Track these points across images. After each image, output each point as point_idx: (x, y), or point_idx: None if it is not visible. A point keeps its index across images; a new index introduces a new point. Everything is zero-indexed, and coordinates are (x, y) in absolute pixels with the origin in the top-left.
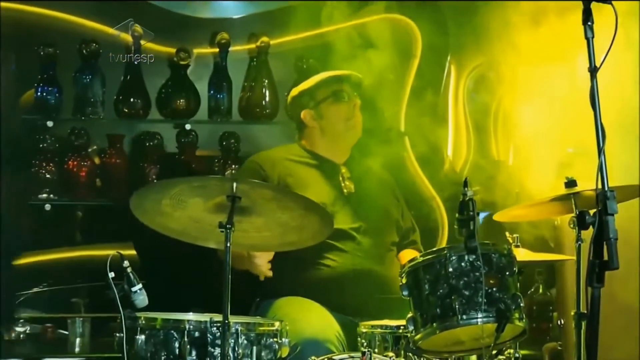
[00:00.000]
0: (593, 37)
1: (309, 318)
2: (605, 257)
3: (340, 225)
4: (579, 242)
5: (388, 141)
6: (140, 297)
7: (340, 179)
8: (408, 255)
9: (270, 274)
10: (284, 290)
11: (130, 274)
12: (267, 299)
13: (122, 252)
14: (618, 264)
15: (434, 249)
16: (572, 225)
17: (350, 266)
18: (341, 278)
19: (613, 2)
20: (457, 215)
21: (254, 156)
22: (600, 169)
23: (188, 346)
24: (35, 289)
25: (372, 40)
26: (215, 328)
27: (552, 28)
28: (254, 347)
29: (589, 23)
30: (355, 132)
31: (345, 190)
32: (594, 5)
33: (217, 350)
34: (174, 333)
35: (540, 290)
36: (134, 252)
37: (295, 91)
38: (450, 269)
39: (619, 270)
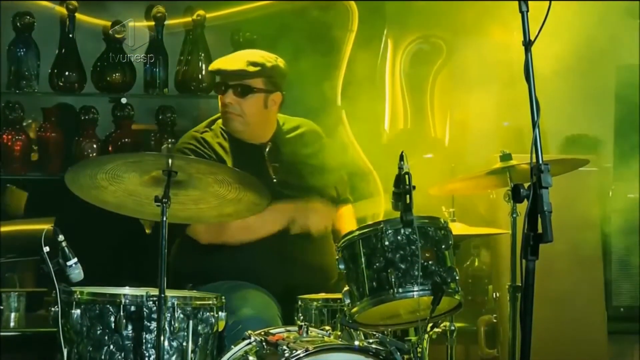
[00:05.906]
0: (528, 11)
1: (252, 300)
2: (540, 230)
3: None
4: (514, 215)
5: (326, 115)
6: (76, 271)
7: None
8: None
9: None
10: (227, 274)
11: (65, 248)
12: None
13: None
14: (552, 237)
15: (370, 222)
16: (507, 199)
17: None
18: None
19: None
20: (393, 188)
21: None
22: (535, 142)
23: (124, 320)
24: None
25: (308, 14)
26: (151, 302)
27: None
28: (191, 321)
29: None
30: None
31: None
32: None
33: (153, 324)
34: (110, 307)
35: (476, 264)
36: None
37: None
38: (387, 243)
39: None
